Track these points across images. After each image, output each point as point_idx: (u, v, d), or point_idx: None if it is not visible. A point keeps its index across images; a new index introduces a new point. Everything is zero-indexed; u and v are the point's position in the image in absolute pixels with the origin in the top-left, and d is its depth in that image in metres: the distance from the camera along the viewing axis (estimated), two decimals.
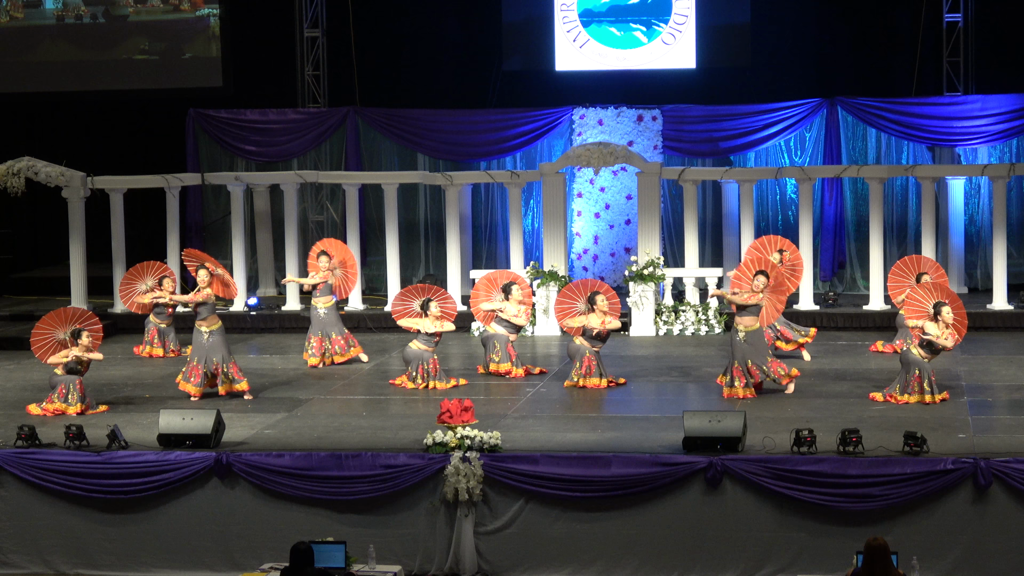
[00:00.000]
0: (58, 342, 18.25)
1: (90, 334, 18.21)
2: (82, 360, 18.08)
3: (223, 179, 26.22)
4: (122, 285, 22.78)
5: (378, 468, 15.32)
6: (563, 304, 19.51)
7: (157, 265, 22.63)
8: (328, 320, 21.13)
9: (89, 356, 18.14)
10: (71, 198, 25.09)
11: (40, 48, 28.51)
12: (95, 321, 18.59)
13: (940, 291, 17.83)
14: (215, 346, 18.86)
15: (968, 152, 25.95)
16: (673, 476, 14.95)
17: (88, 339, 18.14)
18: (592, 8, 27.11)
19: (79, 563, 15.77)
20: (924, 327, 17.52)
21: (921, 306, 17.73)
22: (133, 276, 22.54)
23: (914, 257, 21.42)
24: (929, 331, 17.49)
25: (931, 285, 18.21)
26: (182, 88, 28.16)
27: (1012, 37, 26.70)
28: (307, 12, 27.76)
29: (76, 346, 18.06)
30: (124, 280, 22.77)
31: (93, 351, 18.20)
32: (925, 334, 17.49)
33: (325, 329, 21.09)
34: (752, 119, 26.21)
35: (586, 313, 19.18)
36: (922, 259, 21.28)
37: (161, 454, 15.68)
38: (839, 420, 16.30)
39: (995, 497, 14.56)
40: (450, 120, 27.06)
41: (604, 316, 19.09)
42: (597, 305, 19.11)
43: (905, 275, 20.63)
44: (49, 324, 18.33)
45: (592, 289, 19.31)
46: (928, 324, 17.55)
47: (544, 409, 18.01)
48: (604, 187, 26.27)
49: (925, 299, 17.74)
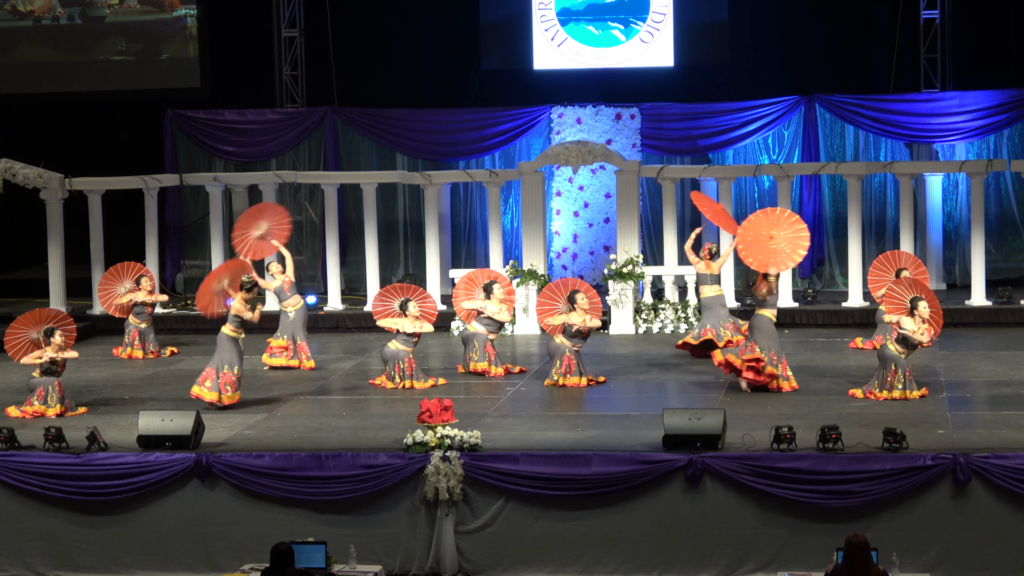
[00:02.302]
0: (32, 342, 18.20)
1: (63, 333, 18.15)
2: (57, 360, 18.03)
3: (202, 180, 26.18)
4: (101, 289, 22.66)
5: (358, 468, 15.32)
6: (544, 304, 19.52)
7: (133, 266, 22.54)
8: (297, 323, 20.97)
9: (63, 355, 18.09)
10: (49, 200, 25.02)
11: (17, 49, 28.45)
12: (69, 321, 18.53)
13: (918, 287, 17.86)
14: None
15: (946, 148, 26.01)
16: (653, 474, 14.96)
17: (61, 338, 18.08)
18: (570, 7, 27.12)
19: (59, 565, 15.72)
20: (900, 322, 17.57)
21: (900, 301, 17.75)
22: (110, 279, 22.44)
23: (894, 252, 21.45)
24: (905, 326, 17.53)
25: (910, 281, 18.26)
26: (160, 89, 28.12)
27: (989, 34, 26.79)
28: (285, 12, 27.73)
29: (49, 346, 18.02)
30: (102, 284, 22.63)
31: (67, 350, 18.16)
32: (901, 329, 17.53)
33: (294, 332, 20.95)
34: (730, 117, 26.24)
35: (567, 312, 19.19)
36: (902, 254, 21.32)
37: (141, 456, 15.65)
38: (819, 417, 16.33)
39: (974, 493, 14.60)
40: (429, 119, 27.06)
41: (585, 314, 19.10)
42: (578, 303, 19.11)
43: (886, 271, 20.66)
44: (23, 325, 18.28)
45: (572, 288, 19.32)
46: (904, 319, 17.59)
47: (524, 408, 18.00)
48: (583, 185, 26.28)
49: (903, 294, 17.76)
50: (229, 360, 18.10)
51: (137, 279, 22.22)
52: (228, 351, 18.14)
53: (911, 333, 17.50)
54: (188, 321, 24.58)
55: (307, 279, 26.70)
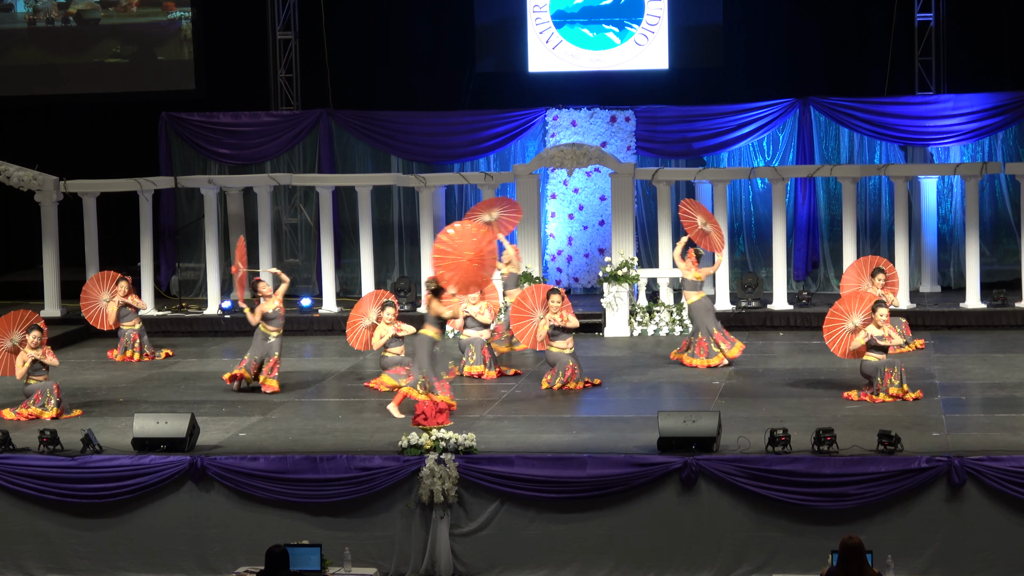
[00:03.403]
0: (9, 351, 18.12)
1: (36, 330, 18.06)
2: (42, 362, 18.01)
3: (196, 182, 26.16)
4: (84, 305, 22.22)
5: (353, 471, 15.31)
6: (518, 318, 19.45)
7: (106, 275, 22.30)
8: (273, 346, 19.44)
9: (46, 360, 18.05)
10: (44, 202, 25.01)
11: (11, 52, 28.42)
12: (36, 318, 18.33)
13: (856, 301, 18.06)
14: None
15: (940, 151, 26.03)
16: (648, 476, 14.96)
17: (36, 337, 18.03)
18: (565, 9, 27.14)
19: (53, 568, 15.71)
20: (869, 332, 17.77)
21: (840, 319, 18.04)
22: (89, 296, 22.10)
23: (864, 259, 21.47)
24: (873, 333, 17.74)
25: (848, 298, 18.37)
26: (155, 91, 28.11)
27: (983, 36, 26.81)
28: (279, 15, 27.73)
29: (26, 345, 17.97)
30: (84, 300, 22.19)
31: (47, 353, 18.09)
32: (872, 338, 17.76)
33: (268, 353, 19.43)
34: (725, 119, 26.25)
35: (545, 318, 19.26)
36: (870, 259, 21.35)
37: (135, 458, 15.64)
38: (813, 419, 16.34)
39: (969, 495, 14.61)
40: (423, 122, 27.05)
41: (559, 312, 19.17)
42: (551, 305, 19.18)
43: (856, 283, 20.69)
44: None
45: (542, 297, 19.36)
46: (870, 328, 17.82)
47: (519, 410, 18.00)
48: (578, 188, 26.28)
49: (845, 313, 18.04)
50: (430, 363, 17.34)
51: (116, 283, 22.06)
52: (423, 352, 17.37)
53: (881, 339, 17.82)
54: (183, 324, 24.58)
55: (302, 282, 26.69)
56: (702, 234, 20.68)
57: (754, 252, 26.40)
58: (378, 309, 19.45)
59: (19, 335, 18.09)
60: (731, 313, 23.67)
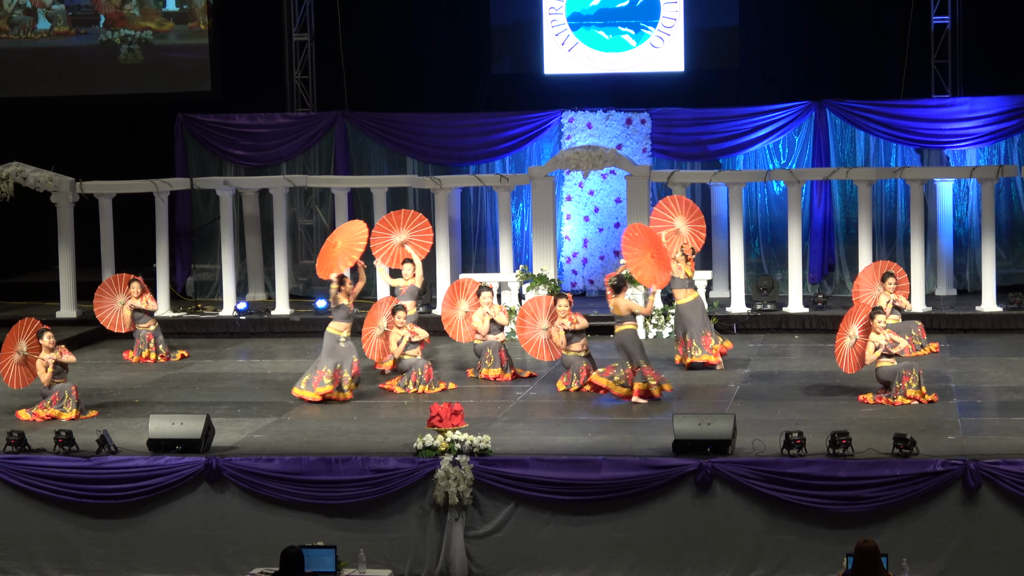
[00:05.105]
0: (18, 363, 18.14)
1: (48, 333, 18.15)
2: (62, 362, 18.08)
3: (212, 184, 26.18)
4: (97, 309, 22.19)
5: (368, 472, 15.32)
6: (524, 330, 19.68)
7: (118, 278, 22.33)
8: (348, 350, 18.98)
9: (64, 358, 18.13)
10: (60, 203, 25.07)
11: (28, 54, 28.43)
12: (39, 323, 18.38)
13: (851, 315, 18.13)
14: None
15: (956, 154, 25.99)
16: (663, 479, 14.95)
17: (49, 338, 18.10)
18: (581, 11, 27.13)
19: (68, 568, 15.75)
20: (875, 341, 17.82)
21: (841, 338, 18.03)
22: (103, 299, 22.11)
23: (877, 264, 21.43)
24: (876, 340, 17.81)
25: (846, 315, 18.35)
26: (171, 93, 28.14)
27: (1000, 39, 26.75)
28: (295, 16, 27.76)
29: (42, 349, 18.03)
30: (97, 308, 22.16)
31: (63, 351, 18.15)
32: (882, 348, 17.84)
33: (345, 360, 18.94)
34: (740, 122, 26.24)
35: (552, 327, 19.38)
36: (882, 264, 21.31)
37: (151, 459, 15.66)
38: (829, 422, 16.30)
39: (985, 499, 14.59)
40: (439, 124, 27.06)
41: (568, 317, 19.25)
42: (559, 311, 19.32)
43: (870, 287, 20.66)
44: (6, 351, 18.23)
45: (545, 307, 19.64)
46: (873, 336, 17.81)
47: (534, 413, 18.00)
48: (593, 190, 26.26)
49: (844, 330, 18.04)
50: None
51: (128, 284, 22.08)
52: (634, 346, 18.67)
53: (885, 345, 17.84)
54: (198, 325, 24.61)
55: (317, 283, 26.68)
56: (676, 233, 20.96)
57: (769, 255, 26.38)
58: (388, 315, 19.50)
59: (25, 344, 18.15)
60: (746, 316, 23.66)
